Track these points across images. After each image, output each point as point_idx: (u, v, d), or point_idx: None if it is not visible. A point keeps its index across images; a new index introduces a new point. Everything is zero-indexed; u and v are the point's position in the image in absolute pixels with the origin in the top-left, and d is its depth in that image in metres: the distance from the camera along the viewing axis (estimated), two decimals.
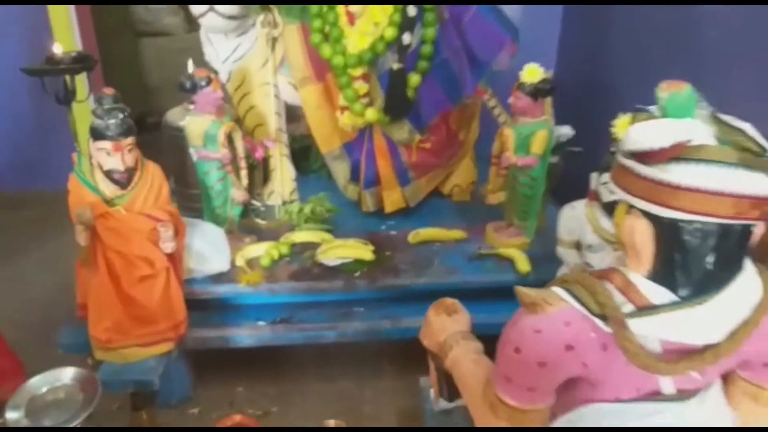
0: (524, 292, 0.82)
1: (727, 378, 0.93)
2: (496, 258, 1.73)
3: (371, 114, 1.78)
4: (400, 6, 1.71)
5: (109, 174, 1.33)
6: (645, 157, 0.74)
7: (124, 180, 1.34)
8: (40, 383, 1.39)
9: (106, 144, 1.29)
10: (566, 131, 1.77)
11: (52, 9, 2.47)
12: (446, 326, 1.10)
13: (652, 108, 0.81)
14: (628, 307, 0.79)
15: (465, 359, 1.03)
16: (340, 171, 1.95)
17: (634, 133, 0.75)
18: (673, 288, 0.77)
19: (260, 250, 1.71)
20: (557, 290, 0.82)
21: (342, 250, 1.70)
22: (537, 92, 1.54)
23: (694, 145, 0.72)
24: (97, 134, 1.29)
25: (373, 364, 1.78)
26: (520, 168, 1.63)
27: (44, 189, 2.67)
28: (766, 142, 0.76)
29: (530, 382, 0.83)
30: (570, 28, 2.59)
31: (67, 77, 1.67)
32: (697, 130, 0.72)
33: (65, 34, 2.56)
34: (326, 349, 1.75)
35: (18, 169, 2.94)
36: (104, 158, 1.30)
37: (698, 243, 0.74)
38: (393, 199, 1.90)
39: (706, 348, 0.80)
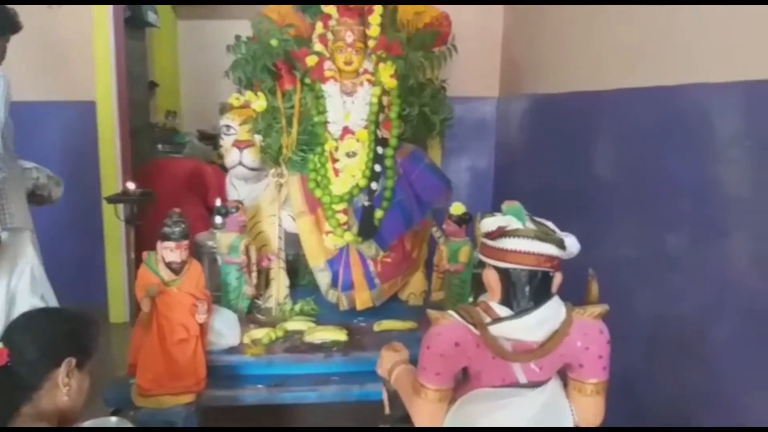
0: (430, 312, 1.39)
1: (565, 382, 1.47)
2: None
3: (348, 236, 2.42)
4: (370, 165, 2.46)
5: (169, 264, 1.92)
6: (488, 235, 1.38)
7: (178, 268, 1.93)
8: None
9: (171, 243, 1.90)
10: None
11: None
12: (392, 357, 1.63)
13: (498, 213, 1.47)
14: (488, 320, 1.36)
15: (402, 373, 1.54)
16: (323, 279, 2.52)
17: (482, 223, 1.40)
18: (510, 307, 1.34)
19: (262, 333, 2.23)
20: (450, 312, 1.39)
21: (323, 333, 2.23)
22: (459, 221, 2.24)
23: (512, 228, 1.36)
24: (165, 237, 1.91)
25: (344, 420, 2.24)
26: (452, 272, 2.27)
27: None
28: (558, 231, 1.42)
29: (437, 369, 1.36)
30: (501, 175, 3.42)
31: (134, 205, 2.33)
32: (511, 221, 1.37)
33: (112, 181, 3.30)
34: (309, 409, 2.23)
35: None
36: (168, 253, 1.90)
37: (520, 280, 1.33)
38: (363, 299, 2.46)
39: (538, 347, 1.36)
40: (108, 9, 3.22)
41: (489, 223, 1.38)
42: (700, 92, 1.72)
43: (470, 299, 2.36)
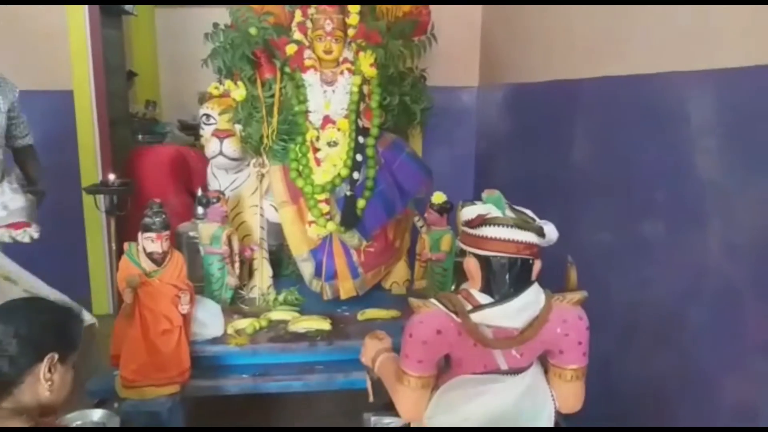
0: (413, 300, 1.39)
1: (546, 368, 1.48)
2: None
3: (331, 226, 2.41)
4: (351, 154, 2.45)
5: (150, 255, 1.89)
6: (468, 224, 1.38)
7: (160, 259, 1.90)
8: (75, 418, 1.82)
9: (152, 234, 1.87)
10: None
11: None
12: (376, 346, 1.63)
13: (478, 202, 1.47)
14: (469, 307, 1.37)
15: (386, 361, 1.55)
16: (307, 269, 2.51)
17: (462, 212, 1.40)
18: (491, 294, 1.35)
19: (246, 323, 2.22)
20: (432, 300, 1.39)
21: (307, 322, 2.22)
22: (441, 210, 2.24)
23: (491, 216, 1.36)
24: (146, 228, 1.88)
25: (328, 408, 2.26)
26: (435, 261, 2.27)
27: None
28: (538, 219, 1.42)
29: (419, 356, 1.36)
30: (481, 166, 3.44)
31: (114, 196, 2.29)
32: (491, 209, 1.37)
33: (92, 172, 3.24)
34: (293, 398, 2.23)
35: None
36: (149, 244, 1.88)
37: (500, 268, 1.34)
38: (346, 288, 2.45)
39: (517, 334, 1.37)
40: None
41: (469, 212, 1.38)
42: (674, 80, 1.74)
43: (452, 287, 2.37)
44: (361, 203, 2.42)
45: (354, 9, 2.51)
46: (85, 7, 3.16)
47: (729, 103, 1.55)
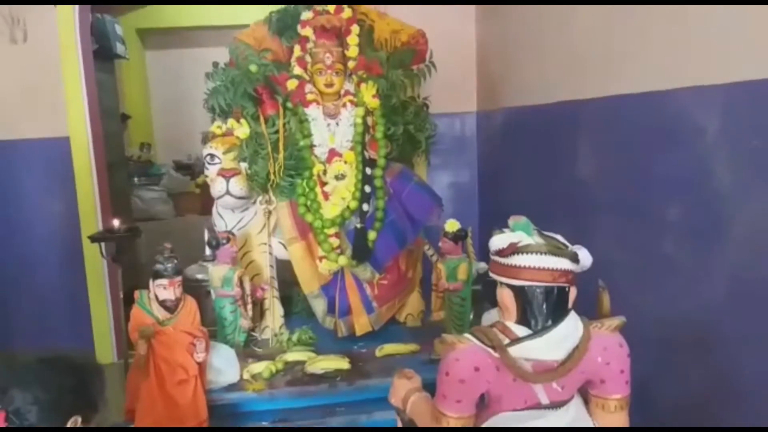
0: (446, 336, 1.33)
1: (586, 399, 1.41)
2: None
3: (342, 260, 2.35)
4: (360, 186, 2.40)
5: (163, 303, 1.82)
6: (500, 253, 1.32)
7: (173, 306, 1.83)
8: None
9: (164, 281, 1.80)
10: (483, 265, 2.39)
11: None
12: (406, 386, 1.56)
13: (506, 229, 1.42)
14: (506, 341, 1.30)
15: (419, 401, 1.47)
16: (319, 306, 2.45)
17: (492, 241, 1.34)
18: (528, 326, 1.29)
19: (261, 367, 2.13)
20: (466, 335, 1.33)
21: (325, 362, 2.14)
22: (456, 237, 2.19)
23: (523, 244, 1.31)
24: (157, 274, 1.81)
25: None
26: (452, 291, 2.21)
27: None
28: (569, 243, 1.37)
29: (457, 396, 1.29)
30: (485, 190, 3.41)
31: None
32: (522, 237, 1.32)
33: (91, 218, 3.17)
34: None
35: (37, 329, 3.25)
36: (161, 291, 1.80)
37: (536, 298, 1.28)
38: (361, 324, 2.38)
39: (558, 366, 1.31)
40: (76, 42, 3.11)
41: (499, 241, 1.33)
42: (686, 96, 1.72)
43: (470, 316, 2.30)
44: (372, 235, 2.37)
45: (353, 41, 2.50)
46: (79, 52, 3.13)
47: (747, 115, 1.53)
